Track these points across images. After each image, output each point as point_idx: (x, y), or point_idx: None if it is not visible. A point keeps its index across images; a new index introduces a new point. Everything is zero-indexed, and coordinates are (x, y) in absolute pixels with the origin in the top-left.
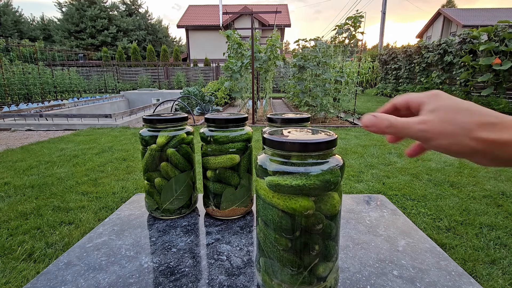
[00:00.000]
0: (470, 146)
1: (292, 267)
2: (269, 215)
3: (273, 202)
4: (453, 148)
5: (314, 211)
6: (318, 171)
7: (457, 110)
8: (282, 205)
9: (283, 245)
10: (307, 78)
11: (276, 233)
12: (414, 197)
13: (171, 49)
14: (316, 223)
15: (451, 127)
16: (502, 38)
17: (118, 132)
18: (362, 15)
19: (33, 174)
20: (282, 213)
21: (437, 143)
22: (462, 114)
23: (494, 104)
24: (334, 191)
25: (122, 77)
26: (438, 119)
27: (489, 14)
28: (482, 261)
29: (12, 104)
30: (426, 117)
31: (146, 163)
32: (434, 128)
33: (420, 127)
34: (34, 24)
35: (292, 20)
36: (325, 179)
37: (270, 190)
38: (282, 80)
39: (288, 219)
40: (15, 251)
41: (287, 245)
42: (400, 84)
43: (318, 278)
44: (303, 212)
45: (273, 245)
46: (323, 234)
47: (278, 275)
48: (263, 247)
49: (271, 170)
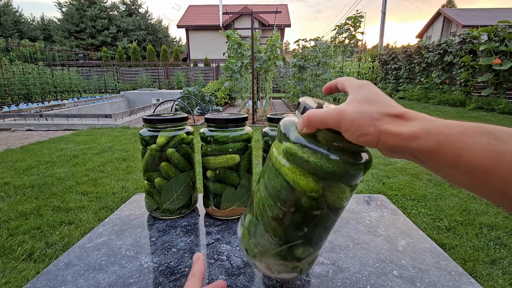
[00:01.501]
0: (375, 136)
1: (273, 236)
2: (272, 180)
3: (282, 170)
4: (363, 139)
5: (318, 196)
6: (340, 159)
7: (368, 101)
8: (290, 177)
9: (273, 214)
10: (307, 78)
11: (271, 200)
12: (414, 197)
13: (171, 49)
14: (315, 208)
15: (360, 118)
16: (502, 38)
17: (118, 132)
18: (362, 15)
19: (33, 174)
20: (286, 183)
21: (350, 133)
22: (371, 105)
23: (494, 104)
24: (348, 185)
25: (122, 77)
26: (352, 109)
27: (489, 14)
28: (482, 261)
29: (12, 104)
30: (343, 107)
31: (146, 163)
32: (348, 118)
33: (336, 116)
34: (34, 24)
35: (292, 20)
36: (345, 170)
37: (284, 157)
38: (282, 80)
39: (289, 193)
40: (15, 251)
41: (278, 215)
42: (400, 84)
43: (293, 257)
44: (307, 193)
45: (264, 209)
46: (318, 220)
47: (258, 237)
48: (255, 206)
49: (292, 138)
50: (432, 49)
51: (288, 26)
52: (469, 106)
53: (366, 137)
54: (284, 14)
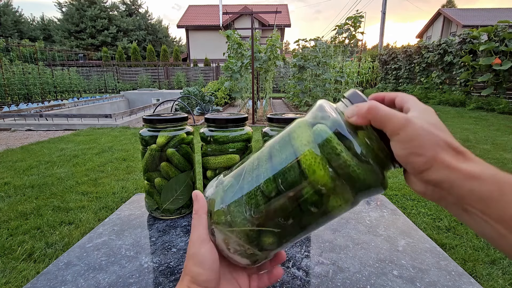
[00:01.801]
0: (429, 161)
1: (253, 212)
2: (283, 154)
3: (301, 149)
4: (414, 159)
5: (325, 194)
6: (373, 168)
7: (436, 125)
8: (307, 160)
9: (266, 188)
10: (307, 78)
11: (271, 173)
12: (414, 197)
13: (171, 49)
14: (314, 204)
15: (425, 137)
16: (502, 38)
17: (118, 132)
18: (362, 15)
19: (33, 174)
20: (298, 165)
21: (404, 146)
22: (439, 131)
23: (494, 104)
24: (355, 198)
25: (122, 77)
26: (420, 125)
27: (489, 14)
28: (482, 261)
29: (12, 104)
30: (412, 117)
31: (146, 163)
32: (413, 129)
33: (403, 122)
34: (34, 24)
35: (292, 20)
36: (369, 182)
37: (312, 138)
38: (282, 80)
39: (297, 175)
40: (15, 251)
41: (271, 192)
42: (400, 84)
43: (259, 243)
44: (318, 185)
45: (258, 179)
46: (307, 218)
47: (233, 206)
48: (245, 172)
49: (329, 124)
50: (432, 49)
51: (288, 26)
52: (469, 106)
53: (419, 159)
54: (284, 14)
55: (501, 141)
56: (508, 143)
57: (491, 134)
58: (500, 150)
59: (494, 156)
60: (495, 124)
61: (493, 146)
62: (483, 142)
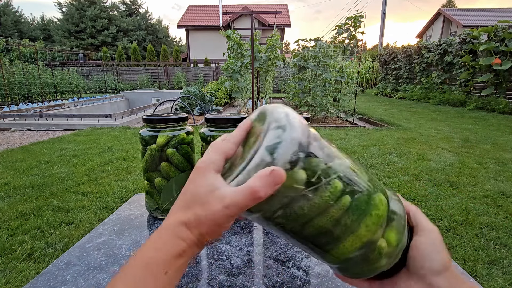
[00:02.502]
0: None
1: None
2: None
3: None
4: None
5: (312, 199)
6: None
7: (441, 245)
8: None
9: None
10: (307, 78)
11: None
12: (414, 197)
13: (171, 49)
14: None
15: (434, 258)
16: (502, 38)
17: (118, 132)
18: (362, 15)
19: (33, 174)
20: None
21: (413, 265)
22: (441, 253)
23: (494, 104)
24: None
25: (122, 77)
26: (429, 242)
27: (489, 14)
28: (482, 261)
29: (12, 104)
30: (423, 234)
31: (146, 163)
32: (423, 247)
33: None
34: (34, 24)
35: (292, 20)
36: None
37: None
38: (282, 80)
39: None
40: (15, 251)
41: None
42: (400, 84)
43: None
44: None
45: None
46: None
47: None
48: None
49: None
50: (432, 49)
51: (288, 26)
52: (469, 106)
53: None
54: (284, 14)
55: (501, 141)
56: (508, 143)
57: (491, 134)
58: (500, 150)
59: (494, 156)
60: (495, 124)
61: (493, 146)
62: (483, 142)
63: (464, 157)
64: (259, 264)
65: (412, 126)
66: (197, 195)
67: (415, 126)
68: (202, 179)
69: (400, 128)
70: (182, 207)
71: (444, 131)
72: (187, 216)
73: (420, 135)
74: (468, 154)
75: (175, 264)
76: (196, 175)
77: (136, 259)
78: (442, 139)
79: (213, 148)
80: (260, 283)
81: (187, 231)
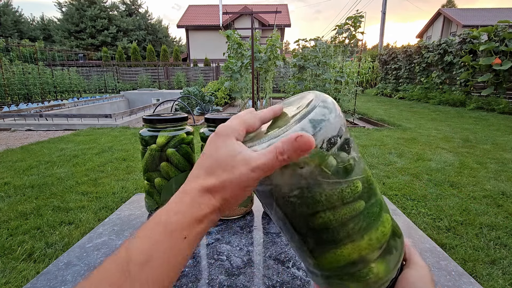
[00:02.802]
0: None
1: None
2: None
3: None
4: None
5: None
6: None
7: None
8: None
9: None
10: (307, 78)
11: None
12: (414, 197)
13: (171, 49)
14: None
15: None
16: (502, 38)
17: (118, 132)
18: (362, 15)
19: (33, 174)
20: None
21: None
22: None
23: (494, 104)
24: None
25: (122, 77)
26: (419, 276)
27: (489, 14)
28: (482, 261)
29: (12, 104)
30: (415, 268)
31: (146, 163)
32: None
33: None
34: (34, 24)
35: (292, 20)
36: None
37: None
38: (282, 80)
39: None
40: (15, 251)
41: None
42: (400, 84)
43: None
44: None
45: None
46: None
47: None
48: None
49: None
50: (432, 49)
51: (288, 26)
52: (469, 106)
53: None
54: (284, 14)
55: (501, 141)
56: (508, 143)
57: (491, 134)
58: (500, 150)
59: (494, 156)
60: (495, 124)
61: (493, 146)
62: (483, 142)
63: (464, 157)
64: (259, 264)
65: (412, 126)
66: (220, 160)
67: (415, 126)
68: (223, 144)
69: (400, 128)
70: (203, 172)
71: (444, 131)
72: (211, 182)
73: (420, 135)
74: (468, 154)
75: (195, 229)
76: (216, 140)
77: (154, 222)
78: (442, 139)
79: (237, 117)
80: (260, 283)
81: (210, 196)
